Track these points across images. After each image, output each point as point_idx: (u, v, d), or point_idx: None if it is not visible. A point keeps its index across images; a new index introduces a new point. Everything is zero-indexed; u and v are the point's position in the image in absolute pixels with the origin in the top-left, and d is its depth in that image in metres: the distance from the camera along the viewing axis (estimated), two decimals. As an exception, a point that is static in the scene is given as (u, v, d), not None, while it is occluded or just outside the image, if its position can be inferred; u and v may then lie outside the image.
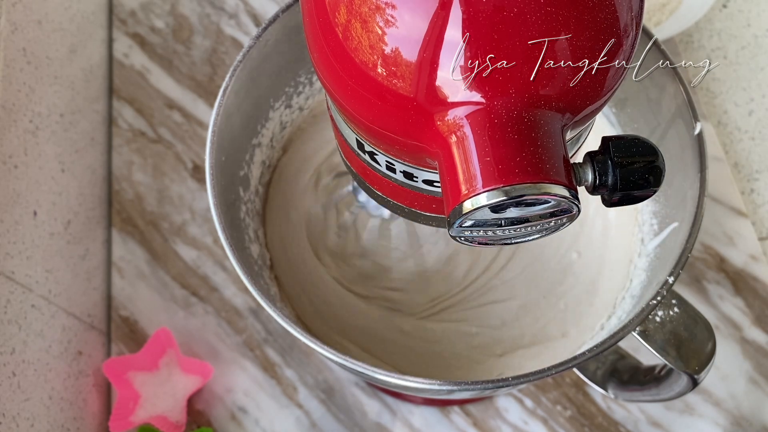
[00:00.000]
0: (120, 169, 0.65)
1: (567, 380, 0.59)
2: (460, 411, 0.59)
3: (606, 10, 0.27)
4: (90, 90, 0.64)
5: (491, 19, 0.26)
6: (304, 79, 0.54)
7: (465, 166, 0.27)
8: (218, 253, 0.63)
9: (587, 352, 0.41)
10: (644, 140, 0.30)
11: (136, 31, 0.69)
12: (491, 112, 0.27)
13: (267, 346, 0.60)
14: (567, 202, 0.27)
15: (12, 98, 0.50)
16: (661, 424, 0.58)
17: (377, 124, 0.30)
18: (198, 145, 0.66)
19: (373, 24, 0.27)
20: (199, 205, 0.64)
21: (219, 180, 0.46)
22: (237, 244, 0.45)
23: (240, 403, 0.59)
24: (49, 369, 0.52)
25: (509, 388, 0.48)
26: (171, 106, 0.67)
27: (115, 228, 0.64)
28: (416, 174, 0.32)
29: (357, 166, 0.36)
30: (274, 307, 0.41)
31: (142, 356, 0.58)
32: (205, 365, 0.58)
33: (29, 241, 0.51)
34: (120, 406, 0.57)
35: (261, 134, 0.53)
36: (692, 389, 0.43)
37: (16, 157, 0.51)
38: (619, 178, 0.29)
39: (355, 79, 0.28)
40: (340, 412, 0.58)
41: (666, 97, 0.47)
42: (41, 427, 0.50)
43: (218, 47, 0.69)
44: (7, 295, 0.48)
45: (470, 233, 0.29)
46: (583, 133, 0.32)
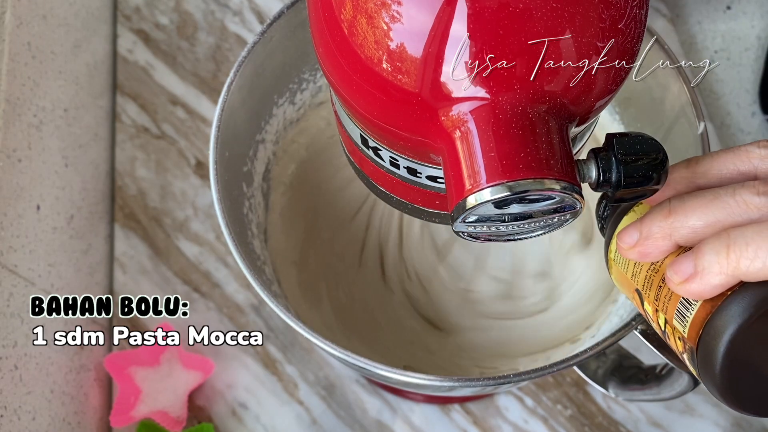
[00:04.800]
0: (123, 164, 0.65)
1: (567, 379, 0.59)
2: (460, 409, 0.59)
3: (609, 9, 0.27)
4: (94, 85, 0.64)
5: (496, 15, 0.26)
6: (308, 75, 0.54)
7: (469, 162, 0.27)
8: (220, 249, 0.63)
9: (588, 350, 0.41)
10: (648, 137, 0.30)
11: (141, 27, 0.70)
12: (495, 107, 0.27)
13: (268, 342, 0.60)
14: (570, 199, 0.27)
15: (17, 92, 0.51)
16: (662, 424, 0.58)
17: (382, 119, 0.30)
18: (201, 142, 0.66)
19: (379, 20, 0.27)
20: (202, 201, 0.64)
21: (222, 176, 0.46)
22: (240, 239, 0.45)
23: (241, 399, 0.59)
24: (50, 363, 0.52)
25: (510, 386, 0.48)
26: (174, 102, 0.67)
27: (117, 223, 0.64)
28: (420, 170, 0.32)
29: (360, 162, 0.36)
30: (276, 302, 0.41)
31: (143, 351, 0.58)
32: (206, 361, 0.58)
33: (32, 235, 0.52)
34: (121, 401, 0.57)
35: (265, 130, 0.53)
36: (693, 389, 0.43)
37: (20, 151, 0.51)
38: (623, 174, 0.29)
39: (361, 75, 0.29)
40: (340, 409, 0.58)
41: (670, 97, 0.47)
42: (42, 420, 0.50)
43: (222, 44, 0.69)
44: (9, 288, 0.48)
45: (474, 229, 0.29)
46: (587, 130, 0.33)
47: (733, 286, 0.28)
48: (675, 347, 0.31)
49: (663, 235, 0.30)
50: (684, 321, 0.30)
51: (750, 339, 0.28)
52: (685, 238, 0.30)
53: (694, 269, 0.29)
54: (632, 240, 0.32)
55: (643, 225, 0.31)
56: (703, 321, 0.29)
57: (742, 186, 0.29)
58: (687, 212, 0.30)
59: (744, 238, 0.28)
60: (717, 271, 0.28)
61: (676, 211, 0.30)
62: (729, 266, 0.28)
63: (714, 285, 0.28)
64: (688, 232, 0.30)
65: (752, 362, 0.28)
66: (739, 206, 0.29)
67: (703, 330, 0.29)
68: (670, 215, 0.30)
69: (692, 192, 0.31)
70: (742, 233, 0.28)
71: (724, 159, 0.32)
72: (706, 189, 0.31)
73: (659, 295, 0.31)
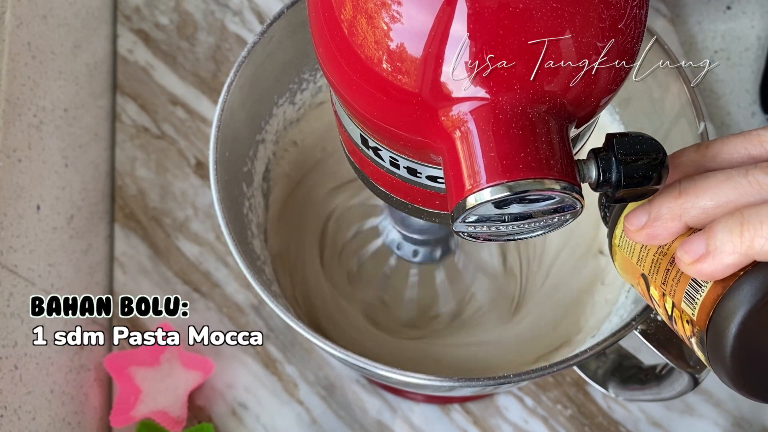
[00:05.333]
0: (123, 164, 0.65)
1: (568, 379, 0.59)
2: (460, 409, 0.59)
3: (609, 9, 0.27)
4: (94, 85, 0.64)
5: (496, 15, 0.26)
6: (308, 75, 0.54)
7: (469, 162, 0.27)
8: (220, 249, 0.63)
9: (588, 350, 0.41)
10: (648, 137, 0.30)
11: (141, 27, 0.70)
12: (495, 107, 0.27)
13: (268, 342, 0.60)
14: (570, 199, 0.27)
15: (17, 92, 0.51)
16: (662, 424, 0.58)
17: (382, 119, 0.30)
18: (201, 142, 0.66)
19: (379, 20, 0.27)
20: (202, 201, 0.64)
21: (222, 175, 0.46)
22: (240, 239, 0.45)
23: (241, 399, 0.59)
24: (50, 363, 0.52)
25: (510, 386, 0.48)
26: (174, 102, 0.67)
27: (117, 223, 0.64)
28: (420, 170, 0.32)
29: (361, 163, 0.36)
30: (276, 303, 0.41)
31: (143, 351, 0.58)
32: (206, 361, 0.58)
33: (32, 235, 0.52)
34: (121, 401, 0.57)
35: (265, 130, 0.53)
36: (693, 388, 0.43)
37: (20, 151, 0.51)
38: (623, 174, 0.29)
39: (361, 75, 0.29)
40: (340, 409, 0.58)
41: (670, 97, 0.47)
42: (42, 420, 0.50)
43: (222, 44, 0.69)
44: (9, 288, 0.48)
45: (473, 229, 0.29)
46: (587, 130, 0.33)
47: (745, 267, 0.28)
48: (682, 332, 0.30)
49: (672, 216, 0.30)
50: (693, 303, 0.29)
51: (763, 321, 0.27)
52: (695, 219, 0.29)
53: (706, 249, 0.28)
54: (640, 222, 0.31)
55: (652, 207, 0.31)
56: (713, 303, 0.28)
57: (754, 167, 0.29)
58: (698, 192, 0.29)
59: (758, 217, 0.27)
60: (730, 250, 0.27)
61: (686, 192, 0.30)
62: (743, 245, 0.27)
63: (727, 265, 0.28)
64: (699, 213, 0.29)
65: (764, 345, 0.27)
66: (751, 186, 0.28)
67: (714, 312, 0.28)
68: (680, 196, 0.30)
69: (702, 174, 0.31)
70: (756, 212, 0.27)
71: (735, 143, 0.31)
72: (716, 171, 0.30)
73: (667, 279, 0.31)
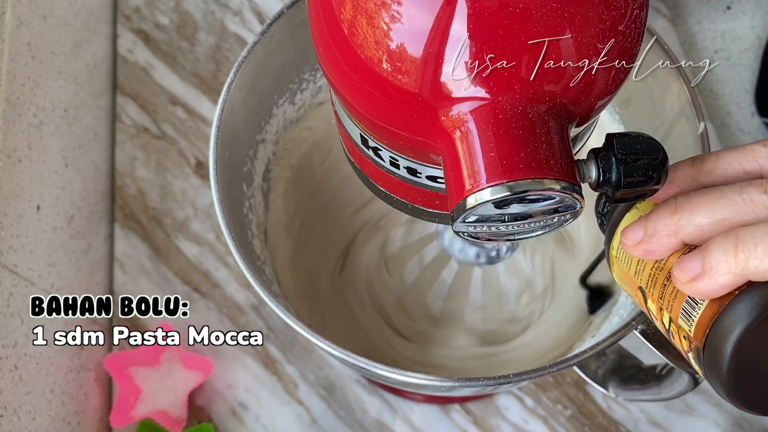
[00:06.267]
0: (123, 164, 0.65)
1: (568, 379, 0.59)
2: (460, 409, 0.59)
3: (610, 10, 0.27)
4: (94, 85, 0.64)
5: (496, 15, 0.26)
6: (308, 75, 0.54)
7: (469, 162, 0.27)
8: (220, 249, 0.63)
9: (588, 350, 0.41)
10: (648, 137, 0.30)
11: (141, 27, 0.70)
12: (495, 107, 0.27)
13: (268, 342, 0.60)
14: (570, 199, 0.27)
15: (17, 92, 0.51)
16: (662, 424, 0.58)
17: (382, 119, 0.30)
18: (201, 142, 0.66)
19: (379, 20, 0.27)
20: (202, 201, 0.64)
21: (222, 175, 0.46)
22: (240, 239, 0.45)
23: (241, 399, 0.59)
24: (50, 363, 0.52)
25: (510, 386, 0.48)
26: (174, 102, 0.67)
27: (117, 223, 0.64)
28: (420, 170, 0.32)
29: (360, 162, 0.36)
30: (276, 302, 0.41)
31: (143, 351, 0.58)
32: (206, 361, 0.58)
33: (32, 235, 0.52)
34: (121, 401, 0.57)
35: (265, 130, 0.53)
36: (693, 388, 0.43)
37: (20, 151, 0.51)
38: (623, 174, 0.29)
39: (361, 75, 0.29)
40: (340, 409, 0.58)
41: (670, 97, 0.47)
42: (42, 420, 0.50)
43: (222, 44, 0.69)
44: (9, 288, 0.48)
45: (474, 229, 0.29)
46: (587, 130, 0.33)
47: (740, 286, 0.28)
48: (680, 346, 0.31)
49: (669, 232, 0.30)
50: (690, 320, 0.30)
51: (758, 339, 0.28)
52: (691, 236, 0.30)
53: (701, 268, 0.28)
54: (637, 237, 0.31)
55: (648, 222, 0.31)
56: (710, 320, 0.29)
57: (749, 184, 0.29)
58: (694, 210, 0.29)
59: (753, 238, 0.27)
60: (725, 270, 0.28)
61: (682, 209, 0.30)
62: (737, 266, 0.27)
63: (722, 284, 0.28)
64: (695, 230, 0.29)
65: (760, 362, 0.28)
66: (746, 204, 0.29)
67: (710, 329, 0.28)
68: (676, 212, 0.30)
69: (698, 190, 0.31)
70: (750, 232, 0.28)
71: (729, 158, 0.31)
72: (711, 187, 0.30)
73: (664, 293, 0.31)
